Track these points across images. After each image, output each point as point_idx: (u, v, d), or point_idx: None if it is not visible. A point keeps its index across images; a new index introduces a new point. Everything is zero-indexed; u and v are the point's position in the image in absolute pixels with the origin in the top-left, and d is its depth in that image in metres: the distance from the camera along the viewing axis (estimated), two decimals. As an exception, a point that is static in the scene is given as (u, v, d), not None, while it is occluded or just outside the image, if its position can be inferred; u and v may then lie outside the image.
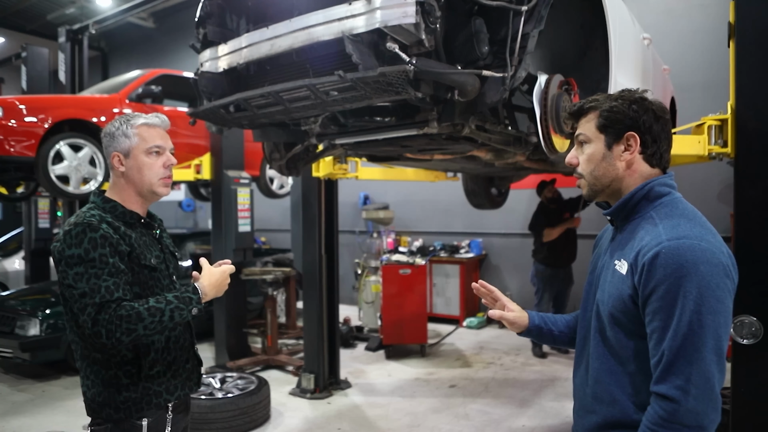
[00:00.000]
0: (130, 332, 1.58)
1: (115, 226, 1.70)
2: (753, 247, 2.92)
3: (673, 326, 1.23)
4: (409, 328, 6.18)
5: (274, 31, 2.51)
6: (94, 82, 7.75)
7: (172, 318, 1.64)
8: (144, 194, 1.82)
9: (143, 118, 1.81)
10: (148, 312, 1.60)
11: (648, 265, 1.27)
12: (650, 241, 1.30)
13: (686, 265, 1.23)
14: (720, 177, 6.23)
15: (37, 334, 5.27)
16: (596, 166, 1.45)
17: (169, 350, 1.79)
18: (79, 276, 1.61)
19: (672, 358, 1.23)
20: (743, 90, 2.97)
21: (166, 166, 1.82)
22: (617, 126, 1.41)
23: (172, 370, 1.80)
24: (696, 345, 1.21)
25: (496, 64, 2.36)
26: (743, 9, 2.97)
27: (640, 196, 1.40)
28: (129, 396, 1.71)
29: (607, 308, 1.39)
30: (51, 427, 4.35)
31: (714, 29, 6.13)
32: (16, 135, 4.92)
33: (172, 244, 2.01)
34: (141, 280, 1.73)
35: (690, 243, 1.26)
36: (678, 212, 1.36)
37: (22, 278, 8.36)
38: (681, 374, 1.22)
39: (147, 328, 1.59)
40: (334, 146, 3.45)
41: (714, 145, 3.18)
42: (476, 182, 6.12)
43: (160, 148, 1.81)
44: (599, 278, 1.48)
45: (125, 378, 1.71)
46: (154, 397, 1.74)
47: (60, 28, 7.31)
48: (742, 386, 2.93)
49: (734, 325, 2.90)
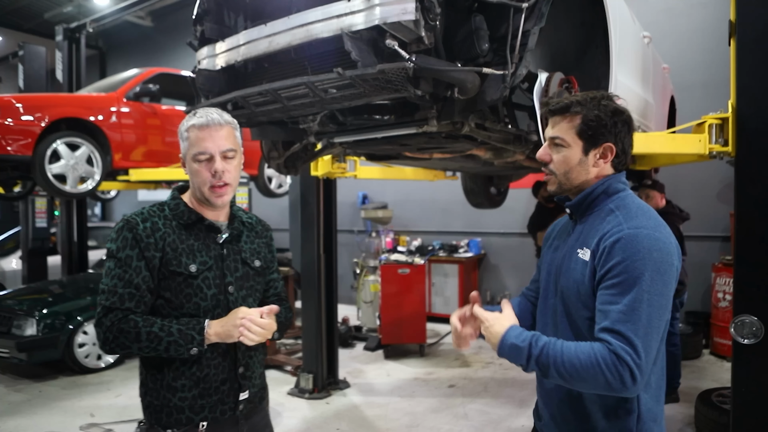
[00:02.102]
0: (123, 347, 1.57)
1: (157, 227, 1.63)
2: (753, 246, 2.91)
3: (624, 302, 1.34)
4: (407, 327, 6.16)
5: (272, 28, 2.49)
6: (91, 80, 7.72)
7: (167, 350, 1.57)
8: (202, 200, 1.69)
9: (195, 118, 1.66)
10: (147, 336, 1.55)
11: (609, 248, 1.39)
12: (612, 228, 1.43)
13: (642, 251, 1.36)
14: (720, 176, 6.22)
15: (34, 334, 5.24)
16: (571, 169, 1.54)
17: (200, 365, 1.65)
18: (109, 271, 1.61)
19: (621, 329, 1.32)
20: (744, 88, 2.96)
21: (213, 174, 1.64)
22: (598, 136, 1.50)
23: (201, 387, 1.65)
24: (642, 320, 1.33)
25: (497, 61, 2.34)
26: (744, 7, 2.96)
27: (599, 191, 1.52)
28: (151, 401, 1.66)
29: (573, 293, 1.49)
30: (48, 427, 4.33)
31: (714, 28, 6.12)
32: (13, 134, 4.89)
33: (257, 251, 1.82)
34: (172, 287, 1.62)
35: (647, 232, 1.39)
36: (635, 207, 1.48)
37: (20, 278, 8.34)
38: (628, 343, 1.31)
39: (141, 350, 1.57)
40: (333, 145, 3.43)
41: (715, 144, 3.17)
42: (475, 181, 6.11)
43: (205, 155, 1.63)
44: (560, 268, 1.57)
45: (150, 382, 1.67)
46: (175, 411, 1.64)
47: (57, 27, 7.29)
48: (742, 386, 2.92)
49: (735, 324, 2.88)
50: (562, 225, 1.71)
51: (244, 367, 1.73)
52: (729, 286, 5.60)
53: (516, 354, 1.41)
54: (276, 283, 1.90)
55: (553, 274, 1.60)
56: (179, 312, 1.64)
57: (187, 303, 1.63)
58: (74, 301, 5.71)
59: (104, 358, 5.70)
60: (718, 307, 5.88)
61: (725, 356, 5.76)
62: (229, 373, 1.70)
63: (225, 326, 1.61)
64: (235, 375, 1.71)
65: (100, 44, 13.09)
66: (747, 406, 2.91)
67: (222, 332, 1.61)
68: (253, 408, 1.79)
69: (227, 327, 1.61)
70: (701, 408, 3.92)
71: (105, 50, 13.31)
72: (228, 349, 1.69)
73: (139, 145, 5.89)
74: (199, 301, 1.64)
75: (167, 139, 6.19)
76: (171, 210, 1.70)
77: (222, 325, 1.61)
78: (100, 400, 4.91)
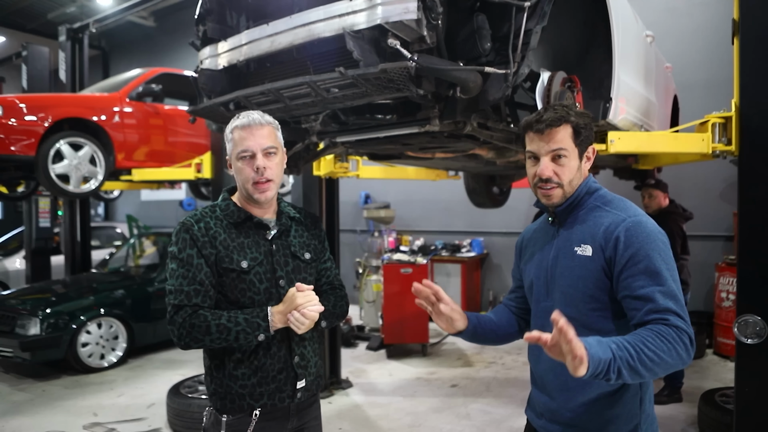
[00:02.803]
0: (197, 341, 1.65)
1: (210, 226, 1.73)
2: (756, 245, 2.90)
3: (659, 282, 1.42)
4: (410, 327, 6.16)
5: (274, 27, 2.49)
6: (94, 81, 7.74)
7: (237, 339, 1.66)
8: (249, 198, 1.77)
9: (238, 120, 1.75)
10: (217, 328, 1.64)
11: (623, 237, 1.47)
12: (613, 220, 1.52)
13: (651, 235, 1.48)
14: (723, 175, 6.20)
15: (38, 334, 5.25)
16: (574, 176, 1.61)
17: (257, 355, 1.74)
18: (173, 272, 1.69)
19: (668, 305, 1.40)
20: (747, 87, 2.95)
21: (256, 170, 1.72)
22: (585, 141, 1.60)
23: (259, 376, 1.75)
24: (677, 294, 1.44)
25: (499, 60, 2.33)
26: (747, 6, 2.95)
27: (584, 192, 1.62)
28: (216, 389, 1.76)
29: (579, 290, 1.53)
30: (51, 427, 4.34)
31: (716, 27, 6.11)
32: (17, 134, 4.91)
33: (306, 244, 1.88)
34: (226, 283, 1.72)
35: (644, 218, 1.52)
36: (617, 199, 1.61)
37: (23, 277, 8.36)
38: (681, 319, 1.39)
39: (213, 341, 1.65)
40: (335, 144, 3.43)
41: (718, 143, 3.16)
42: (477, 181, 6.10)
43: (247, 152, 1.72)
44: (554, 269, 1.61)
45: (215, 371, 1.76)
46: (237, 398, 1.74)
47: (60, 27, 7.29)
48: (746, 385, 2.91)
49: (738, 324, 2.87)
50: (535, 232, 1.78)
51: (299, 356, 1.82)
52: (732, 285, 5.59)
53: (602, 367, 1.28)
54: (328, 272, 1.96)
55: (543, 278, 1.65)
56: (236, 306, 1.73)
57: (242, 297, 1.73)
58: (77, 300, 5.72)
59: (107, 358, 5.72)
60: (722, 306, 5.86)
61: (728, 356, 5.74)
62: (285, 362, 1.78)
63: (284, 312, 1.69)
64: (291, 364, 1.79)
65: (102, 44, 13.13)
66: (750, 406, 2.90)
67: (284, 311, 1.69)
68: (311, 396, 1.88)
69: (285, 315, 1.69)
70: (704, 408, 3.91)
71: (108, 50, 13.34)
72: (282, 340, 1.78)
73: (142, 145, 5.90)
74: (253, 296, 1.73)
75: (170, 138, 6.20)
76: (222, 210, 1.78)
77: (282, 312, 1.69)
78: (103, 399, 4.92)
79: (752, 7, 2.92)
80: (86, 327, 5.54)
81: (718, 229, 6.37)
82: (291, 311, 1.68)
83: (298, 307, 1.67)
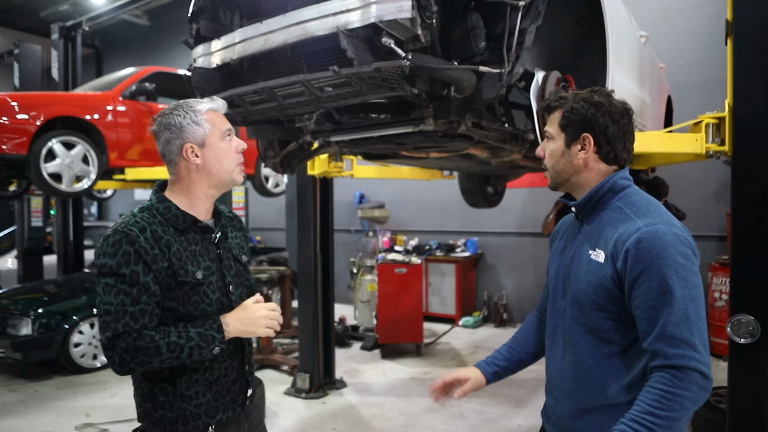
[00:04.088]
0: (144, 364, 1.48)
1: (159, 235, 1.54)
2: (750, 246, 2.91)
3: (668, 303, 1.32)
4: (404, 327, 6.16)
5: (267, 26, 2.47)
6: (88, 79, 7.69)
7: (190, 356, 1.51)
8: (220, 185, 1.66)
9: (207, 104, 1.65)
10: (167, 347, 1.48)
11: (633, 250, 1.37)
12: (627, 228, 1.41)
13: (668, 248, 1.35)
14: (716, 176, 6.23)
15: (29, 334, 5.22)
16: (557, 161, 1.58)
17: (212, 370, 1.62)
18: (109, 288, 1.49)
19: (675, 333, 1.31)
20: (740, 88, 2.96)
21: (238, 151, 1.69)
22: (575, 127, 1.52)
23: (214, 391, 1.63)
24: (692, 318, 1.33)
25: (493, 60, 2.33)
26: (740, 7, 2.96)
27: (605, 189, 1.52)
28: (164, 414, 1.58)
29: (588, 296, 1.46)
30: (43, 427, 4.31)
31: (710, 28, 6.14)
32: (8, 132, 4.86)
33: (241, 246, 1.80)
34: (179, 296, 1.55)
35: (665, 228, 1.38)
36: (643, 202, 1.48)
37: (15, 277, 8.30)
38: (688, 346, 1.31)
39: (163, 362, 1.49)
40: (329, 144, 3.42)
41: (711, 144, 3.17)
42: (472, 181, 6.10)
43: (231, 132, 1.67)
44: (570, 269, 1.55)
45: (161, 395, 1.58)
46: (191, 418, 1.59)
47: (53, 25, 7.26)
48: (739, 385, 2.92)
49: (731, 324, 2.88)
50: (568, 225, 1.70)
51: (248, 363, 1.74)
52: (725, 285, 5.61)
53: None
54: (250, 276, 1.87)
55: (561, 276, 1.59)
56: (186, 320, 1.57)
57: (194, 311, 1.58)
58: (70, 300, 5.68)
59: (99, 358, 5.68)
60: (715, 306, 5.89)
61: (722, 356, 5.76)
62: (237, 372, 1.69)
63: (244, 322, 1.59)
64: (243, 373, 1.71)
65: (96, 43, 13.05)
66: (743, 405, 2.91)
67: (243, 328, 1.59)
68: (253, 401, 1.80)
69: (246, 322, 1.60)
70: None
71: (101, 49, 13.27)
72: (236, 350, 1.68)
73: (135, 144, 5.86)
74: (206, 307, 1.60)
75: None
76: (161, 214, 1.58)
77: (241, 321, 1.59)
78: (96, 400, 4.89)
79: (745, 8, 2.93)
80: (79, 327, 5.50)
81: (712, 229, 6.40)
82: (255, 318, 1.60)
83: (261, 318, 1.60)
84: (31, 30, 11.94)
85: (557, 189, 1.63)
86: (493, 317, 7.75)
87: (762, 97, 2.88)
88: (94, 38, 12.83)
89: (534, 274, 7.68)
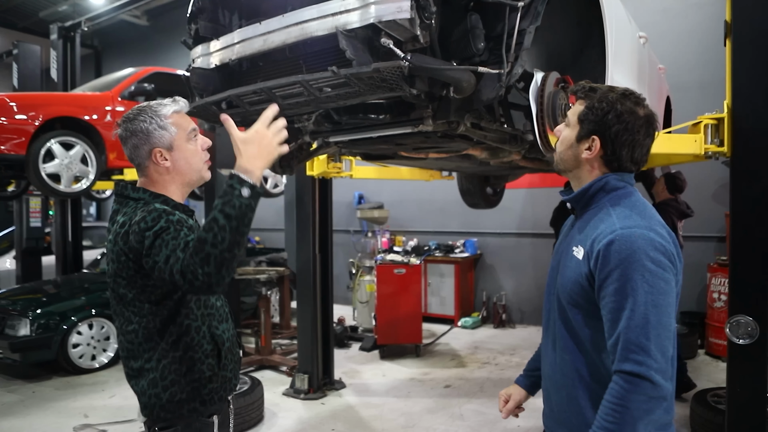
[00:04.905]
0: (204, 261, 1.39)
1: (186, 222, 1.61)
2: (749, 247, 2.91)
3: (629, 307, 1.33)
4: (403, 327, 6.15)
5: (266, 26, 2.47)
6: (87, 80, 7.69)
7: (226, 216, 1.41)
8: (191, 183, 1.74)
9: (171, 106, 1.70)
10: (204, 230, 1.41)
11: (603, 251, 1.38)
12: (605, 229, 1.42)
13: (638, 252, 1.34)
14: (715, 177, 6.23)
15: (28, 335, 5.21)
16: (565, 150, 1.59)
17: (232, 344, 1.81)
18: (165, 242, 1.48)
19: (631, 337, 1.32)
20: (740, 89, 2.96)
21: (204, 149, 1.76)
22: (589, 125, 1.52)
23: (234, 353, 1.82)
24: (652, 323, 1.31)
25: (492, 60, 2.32)
26: (739, 8, 2.96)
27: (597, 188, 1.52)
28: (213, 387, 1.70)
29: (566, 291, 1.49)
30: (42, 428, 4.30)
31: (710, 29, 6.14)
32: (7, 132, 4.86)
33: None
34: None
35: (640, 231, 1.37)
36: (630, 204, 1.47)
37: (14, 278, 8.28)
38: (641, 351, 1.31)
39: (214, 245, 1.39)
40: (328, 144, 3.41)
41: (710, 144, 3.17)
42: (471, 181, 6.10)
43: (196, 131, 1.74)
44: (559, 264, 1.59)
45: (207, 371, 1.69)
46: (228, 383, 1.77)
47: (52, 26, 7.26)
48: (738, 386, 2.92)
49: (730, 325, 2.88)
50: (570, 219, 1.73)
51: None
52: (724, 286, 5.61)
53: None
54: None
55: (555, 270, 1.63)
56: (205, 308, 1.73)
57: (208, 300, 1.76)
58: (68, 301, 5.68)
59: (98, 359, 5.68)
60: (714, 307, 5.89)
61: (720, 356, 5.77)
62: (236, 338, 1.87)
63: (261, 155, 1.52)
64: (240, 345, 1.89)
65: (95, 43, 13.05)
66: (742, 406, 2.92)
67: (264, 162, 1.53)
68: None
69: (263, 153, 1.53)
70: (696, 408, 3.92)
71: (100, 49, 13.26)
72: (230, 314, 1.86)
73: (134, 145, 5.85)
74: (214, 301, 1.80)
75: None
76: (165, 205, 1.66)
77: (258, 158, 1.51)
78: (94, 400, 4.88)
79: (744, 9, 2.93)
80: (77, 327, 5.50)
81: (711, 229, 6.40)
82: (267, 145, 1.54)
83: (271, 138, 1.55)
84: (30, 30, 11.94)
85: (560, 174, 1.66)
86: (492, 318, 7.75)
87: (761, 98, 2.89)
88: (94, 38, 12.82)
89: (533, 274, 7.68)
